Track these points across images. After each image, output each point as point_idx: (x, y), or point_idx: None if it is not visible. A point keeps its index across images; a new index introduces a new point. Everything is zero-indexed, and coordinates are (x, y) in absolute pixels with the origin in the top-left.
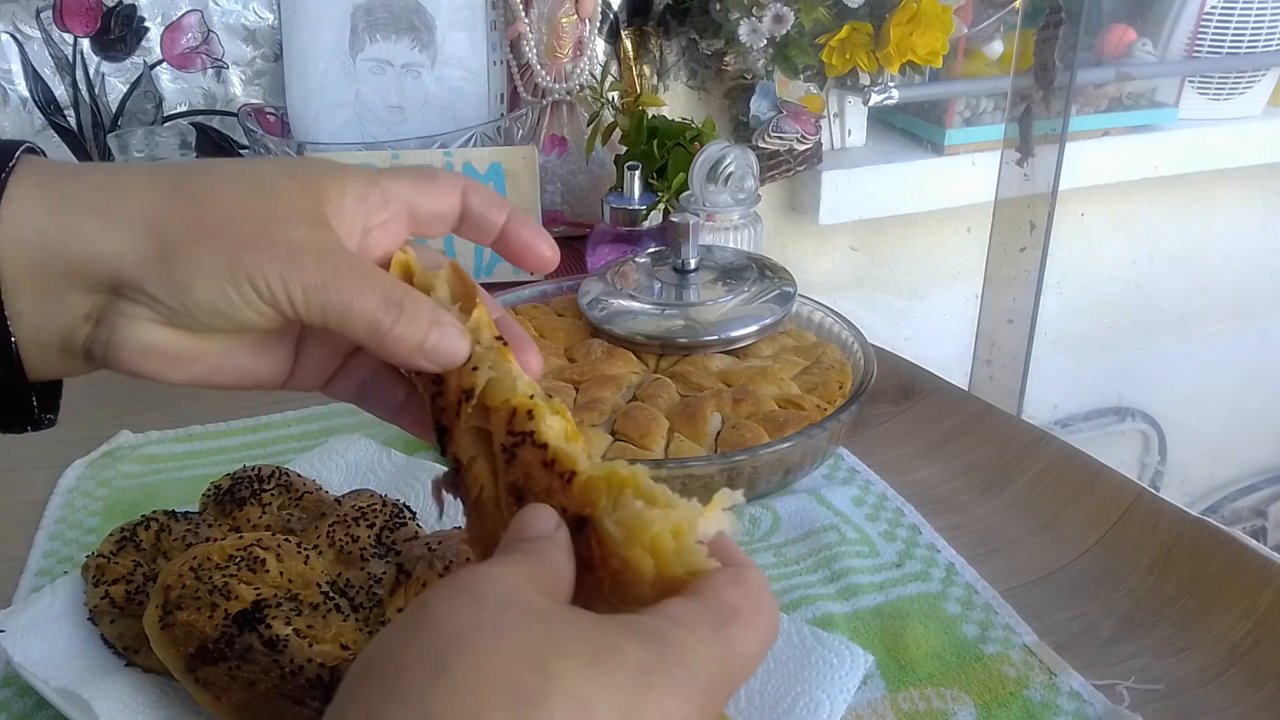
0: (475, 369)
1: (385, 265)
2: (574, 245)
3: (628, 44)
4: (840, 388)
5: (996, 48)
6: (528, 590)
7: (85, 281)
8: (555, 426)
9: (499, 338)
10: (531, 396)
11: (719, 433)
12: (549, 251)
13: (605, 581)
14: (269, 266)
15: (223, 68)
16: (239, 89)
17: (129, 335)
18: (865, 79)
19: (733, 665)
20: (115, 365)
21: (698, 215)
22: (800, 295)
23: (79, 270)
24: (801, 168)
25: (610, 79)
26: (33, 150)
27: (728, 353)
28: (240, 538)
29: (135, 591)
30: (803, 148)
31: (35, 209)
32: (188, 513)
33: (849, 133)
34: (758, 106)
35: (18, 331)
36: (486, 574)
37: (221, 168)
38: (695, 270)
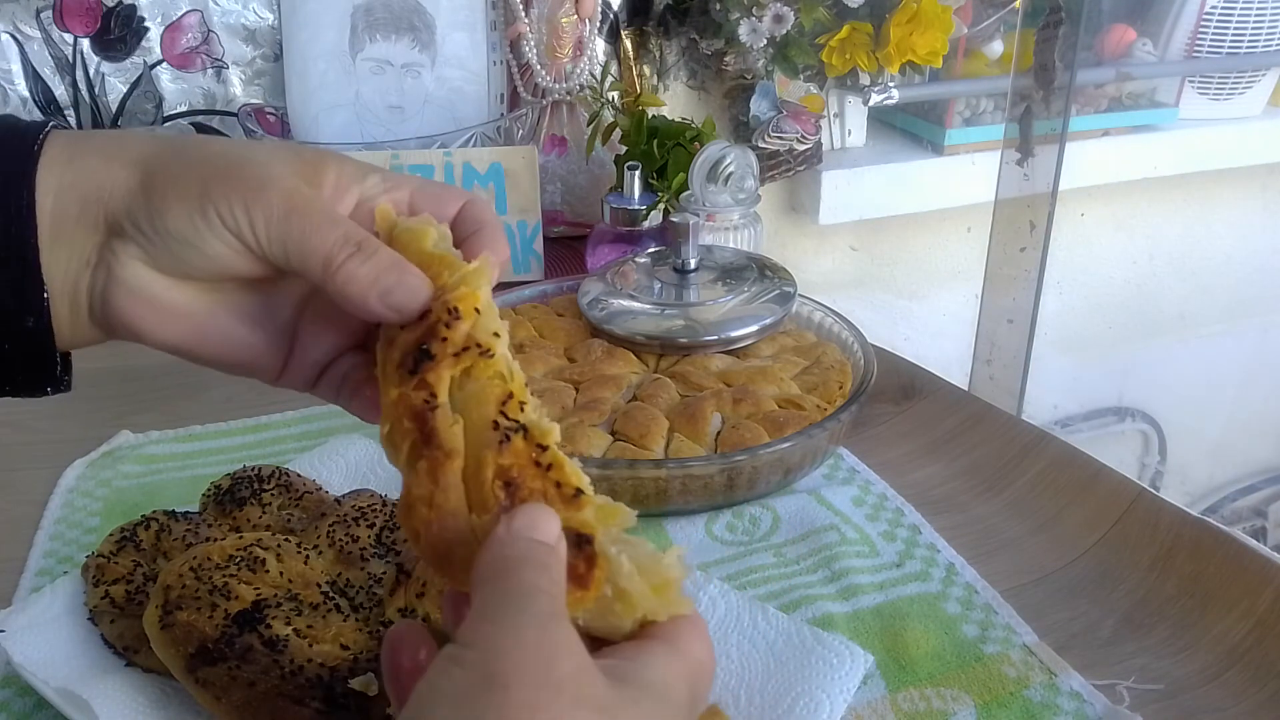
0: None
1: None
2: (574, 245)
3: (628, 44)
4: (840, 388)
5: (996, 48)
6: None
7: (90, 219)
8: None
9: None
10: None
11: (719, 433)
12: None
13: (588, 600)
14: (234, 196)
15: (223, 68)
16: (239, 89)
17: (120, 278)
18: (865, 79)
19: (694, 714)
20: (109, 313)
21: (698, 215)
22: (800, 295)
23: (85, 207)
24: (801, 168)
25: (610, 79)
26: (59, 126)
27: (728, 353)
28: (240, 538)
29: (135, 591)
30: (803, 148)
31: (60, 165)
32: (188, 513)
33: (849, 133)
34: (758, 106)
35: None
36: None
37: (219, 141)
38: (695, 270)
